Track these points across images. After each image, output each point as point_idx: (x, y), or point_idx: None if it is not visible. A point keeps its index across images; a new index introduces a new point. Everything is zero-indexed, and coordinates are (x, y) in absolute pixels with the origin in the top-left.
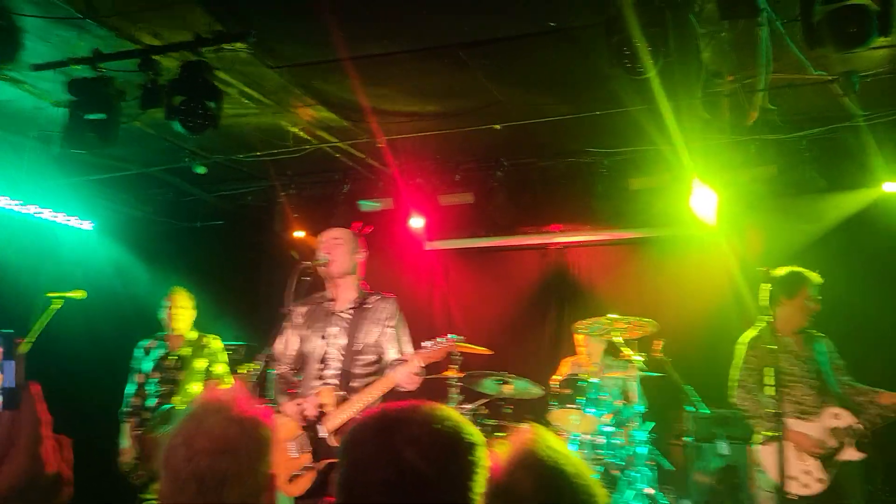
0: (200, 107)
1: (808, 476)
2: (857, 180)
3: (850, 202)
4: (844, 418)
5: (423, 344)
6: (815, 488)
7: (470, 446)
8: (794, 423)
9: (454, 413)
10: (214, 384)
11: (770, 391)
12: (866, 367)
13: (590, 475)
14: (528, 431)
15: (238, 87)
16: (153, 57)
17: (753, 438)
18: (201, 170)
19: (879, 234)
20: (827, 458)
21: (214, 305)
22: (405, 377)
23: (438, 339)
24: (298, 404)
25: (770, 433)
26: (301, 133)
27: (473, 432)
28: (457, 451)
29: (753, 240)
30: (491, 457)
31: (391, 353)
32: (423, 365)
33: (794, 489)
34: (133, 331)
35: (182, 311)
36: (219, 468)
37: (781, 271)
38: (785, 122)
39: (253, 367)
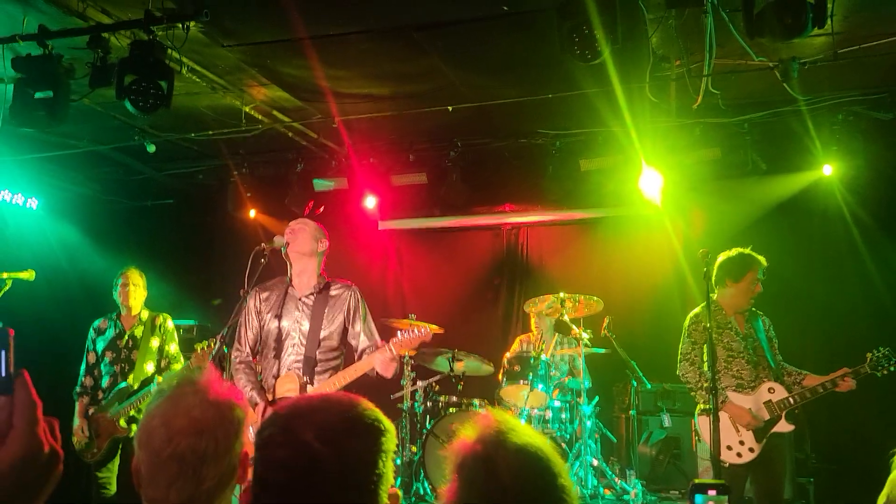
0: (152, 86)
1: (741, 446)
2: (796, 163)
3: (789, 184)
4: (779, 392)
5: (397, 333)
6: (747, 457)
7: (373, 431)
8: (732, 396)
9: (365, 403)
10: (167, 363)
11: (705, 366)
12: (805, 343)
13: (552, 447)
14: (494, 414)
15: (190, 66)
16: (102, 35)
17: (695, 410)
18: (151, 148)
19: (817, 215)
20: (760, 430)
21: (166, 285)
22: (382, 363)
23: (415, 331)
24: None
25: (708, 405)
26: (254, 112)
27: (381, 419)
28: (357, 435)
29: (697, 221)
30: (463, 439)
31: (363, 341)
32: (396, 353)
33: (728, 458)
34: (82, 310)
35: (135, 290)
36: (198, 448)
37: (730, 253)
38: (728, 106)
39: (207, 346)
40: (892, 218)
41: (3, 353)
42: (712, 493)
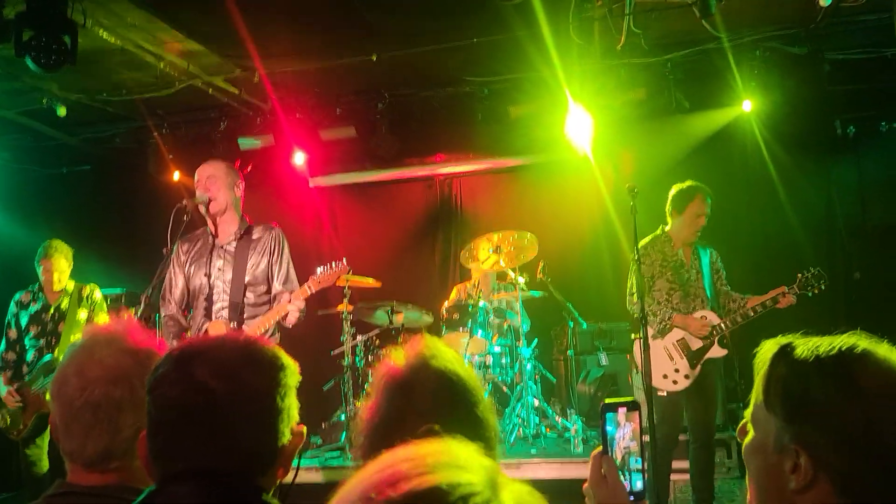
0: (54, 42)
1: (676, 373)
2: (718, 100)
3: (712, 121)
4: (710, 319)
5: (316, 270)
6: (683, 384)
7: (271, 366)
8: (675, 319)
9: (264, 341)
10: None
11: (637, 297)
12: (734, 268)
13: (474, 376)
14: (422, 339)
15: (96, 20)
16: None
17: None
18: (62, 111)
19: (737, 150)
20: (694, 356)
21: (90, 254)
22: (293, 307)
23: (331, 265)
24: None
25: (638, 335)
26: (169, 69)
27: (279, 356)
28: (253, 370)
29: (625, 162)
30: (389, 361)
31: (276, 285)
32: (315, 291)
33: (665, 386)
34: (2, 283)
35: (58, 262)
36: (113, 396)
37: (681, 185)
38: (652, 46)
39: (135, 311)
40: (803, 151)
41: None
42: (622, 410)
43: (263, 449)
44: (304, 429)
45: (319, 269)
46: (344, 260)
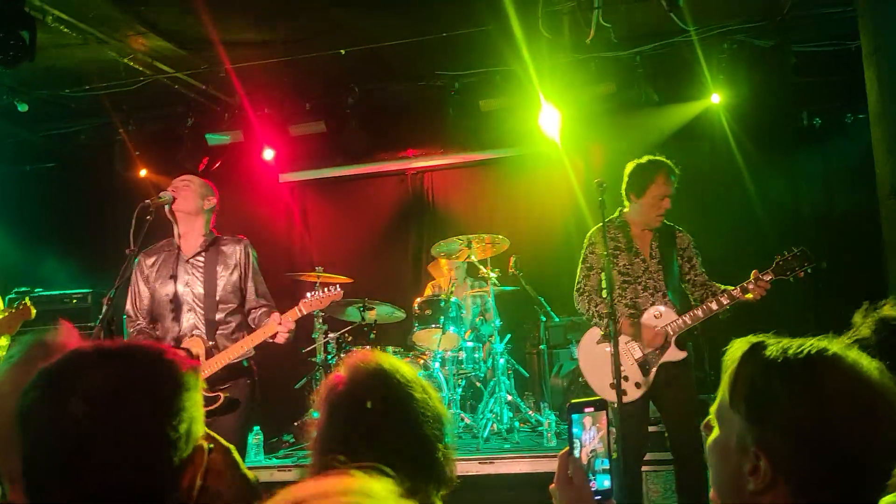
0: (12, 37)
1: (626, 382)
2: (687, 93)
3: (681, 114)
4: (666, 316)
5: (306, 294)
6: (635, 394)
7: (161, 388)
8: (624, 323)
9: (155, 353)
10: None
11: (603, 293)
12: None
13: (419, 379)
14: (363, 352)
15: (56, 15)
16: None
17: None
18: (23, 107)
19: (706, 142)
20: (646, 363)
21: (55, 253)
22: (283, 328)
23: (324, 290)
24: None
25: (604, 332)
26: (133, 64)
27: (177, 372)
28: (136, 397)
29: (595, 156)
30: (332, 377)
31: (249, 300)
32: (305, 314)
33: (614, 398)
34: None
35: None
36: None
37: (641, 160)
38: (620, 39)
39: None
40: (770, 142)
41: None
42: (589, 410)
43: (150, 484)
44: (206, 445)
45: (309, 294)
46: (338, 286)
